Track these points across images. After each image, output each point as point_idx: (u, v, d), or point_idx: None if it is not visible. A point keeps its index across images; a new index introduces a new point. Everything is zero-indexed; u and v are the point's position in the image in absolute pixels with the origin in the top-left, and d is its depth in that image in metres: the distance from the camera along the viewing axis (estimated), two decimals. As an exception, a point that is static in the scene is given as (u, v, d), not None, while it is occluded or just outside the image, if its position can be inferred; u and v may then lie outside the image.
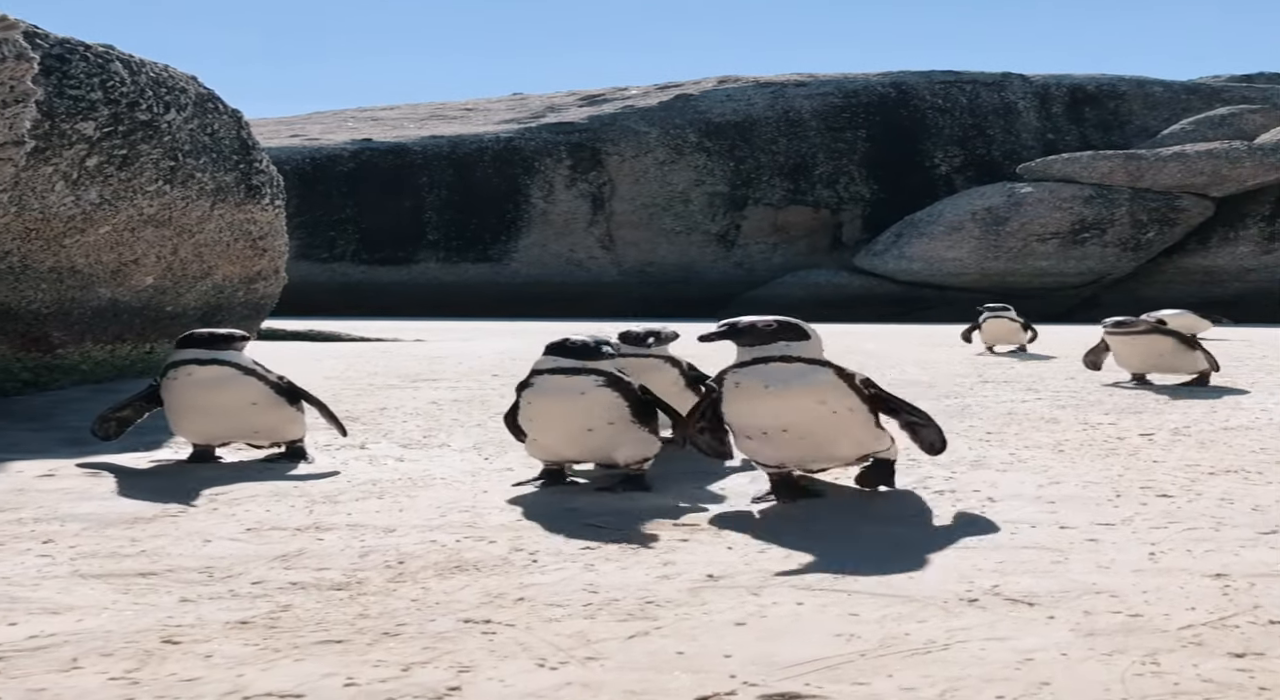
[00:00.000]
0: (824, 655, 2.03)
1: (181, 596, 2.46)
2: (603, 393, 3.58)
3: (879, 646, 2.07)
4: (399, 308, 25.46)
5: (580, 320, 22.07)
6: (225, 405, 4.29)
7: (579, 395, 3.58)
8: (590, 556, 2.81)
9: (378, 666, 2.00)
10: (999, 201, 26.89)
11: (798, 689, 1.86)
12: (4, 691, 1.85)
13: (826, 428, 3.34)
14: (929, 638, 2.11)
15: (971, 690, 1.82)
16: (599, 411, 3.59)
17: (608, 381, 3.60)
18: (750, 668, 1.97)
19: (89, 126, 6.00)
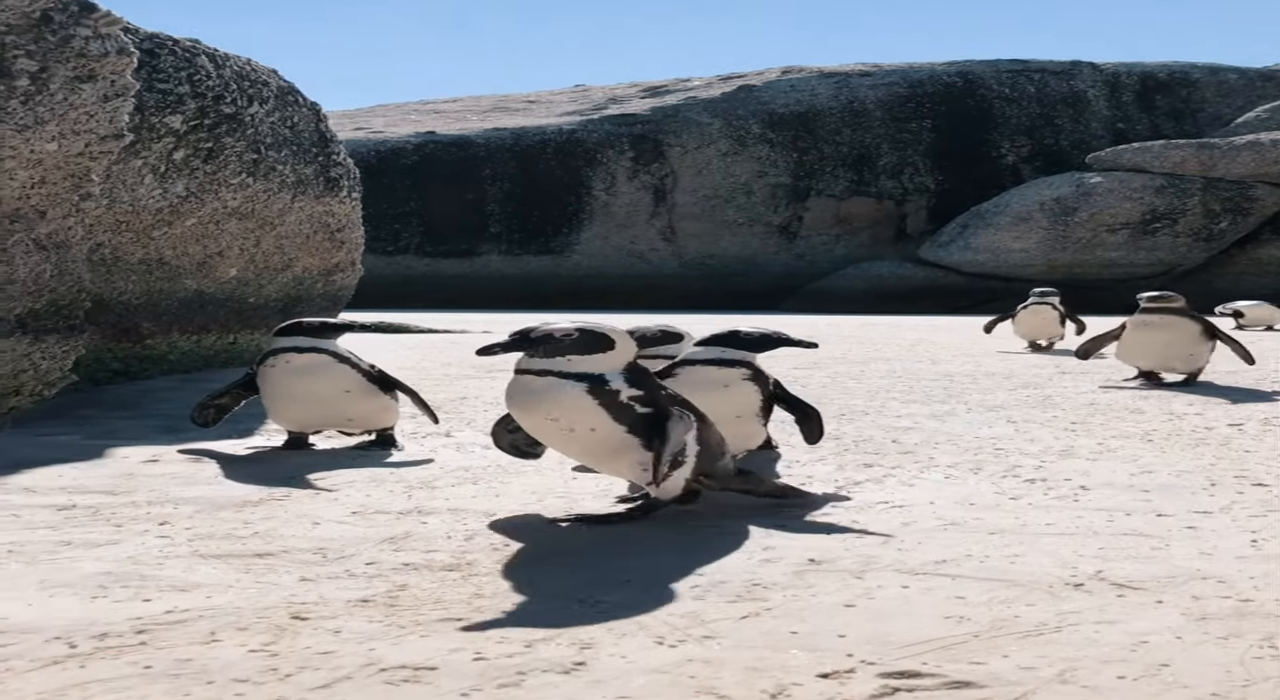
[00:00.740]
0: (937, 636, 2.06)
1: (300, 576, 2.53)
2: (746, 386, 3.65)
3: (991, 628, 2.10)
4: (461, 300, 25.66)
5: (642, 312, 22.15)
6: (320, 393, 4.37)
7: (723, 388, 3.62)
8: (688, 541, 2.86)
9: (502, 642, 2.06)
10: (1068, 191, 26.58)
11: (916, 667, 1.90)
12: (154, 661, 1.93)
13: (571, 445, 3.02)
14: (1039, 620, 2.14)
15: (1090, 671, 1.85)
16: (739, 404, 3.64)
17: (753, 375, 3.67)
18: (865, 647, 2.00)
19: (177, 120, 6.14)
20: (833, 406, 5.59)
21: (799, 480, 3.69)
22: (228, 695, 1.79)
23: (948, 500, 3.35)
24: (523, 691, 1.82)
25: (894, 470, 3.87)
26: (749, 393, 3.68)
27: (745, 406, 3.68)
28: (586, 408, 2.91)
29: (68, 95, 3.94)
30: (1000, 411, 5.42)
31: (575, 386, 2.89)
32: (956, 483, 3.63)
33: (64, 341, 4.42)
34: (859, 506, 3.28)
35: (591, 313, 21.24)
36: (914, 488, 3.56)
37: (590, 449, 3.01)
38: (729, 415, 3.57)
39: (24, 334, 4.19)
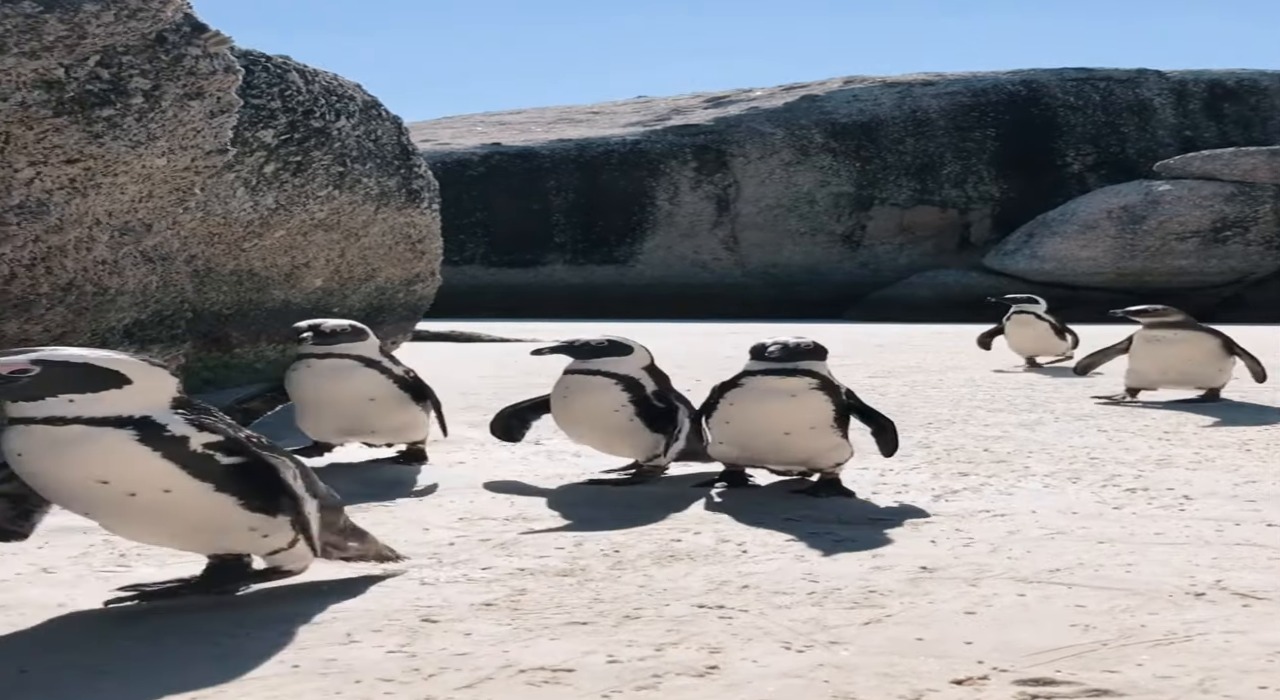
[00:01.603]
0: (1065, 644, 2.07)
1: (420, 580, 2.59)
2: (814, 396, 3.52)
3: (1119, 637, 2.10)
4: (526, 309, 25.81)
5: (705, 321, 22.16)
6: (342, 399, 4.01)
7: (789, 398, 3.52)
8: (798, 548, 2.89)
9: (630, 646, 2.09)
10: (1135, 199, 26.24)
11: (1050, 675, 1.91)
12: (301, 660, 1.99)
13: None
14: (1167, 629, 2.14)
15: (1230, 680, 1.85)
16: (806, 415, 3.53)
17: (820, 385, 3.54)
18: (995, 654, 2.02)
19: (268, 134, 6.27)
20: (917, 415, 5.58)
21: (894, 489, 3.70)
22: (376, 694, 1.84)
23: (1049, 509, 3.34)
24: (661, 694, 1.85)
25: (990, 479, 3.87)
26: (819, 403, 3.54)
27: (817, 417, 3.55)
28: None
29: (177, 112, 4.06)
30: (1089, 420, 5.38)
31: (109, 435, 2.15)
32: (1056, 492, 3.63)
33: (167, 351, 4.53)
34: (960, 515, 3.29)
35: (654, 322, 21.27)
36: (1013, 496, 3.56)
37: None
38: (802, 427, 3.53)
39: (130, 343, 4.30)
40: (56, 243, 3.62)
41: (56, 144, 3.66)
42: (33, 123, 3.57)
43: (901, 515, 3.29)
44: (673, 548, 2.90)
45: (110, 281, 3.92)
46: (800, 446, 3.57)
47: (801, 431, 3.54)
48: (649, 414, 3.84)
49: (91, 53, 3.66)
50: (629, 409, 3.83)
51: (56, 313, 3.63)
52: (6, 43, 3.32)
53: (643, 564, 2.73)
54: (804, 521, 3.20)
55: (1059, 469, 4.04)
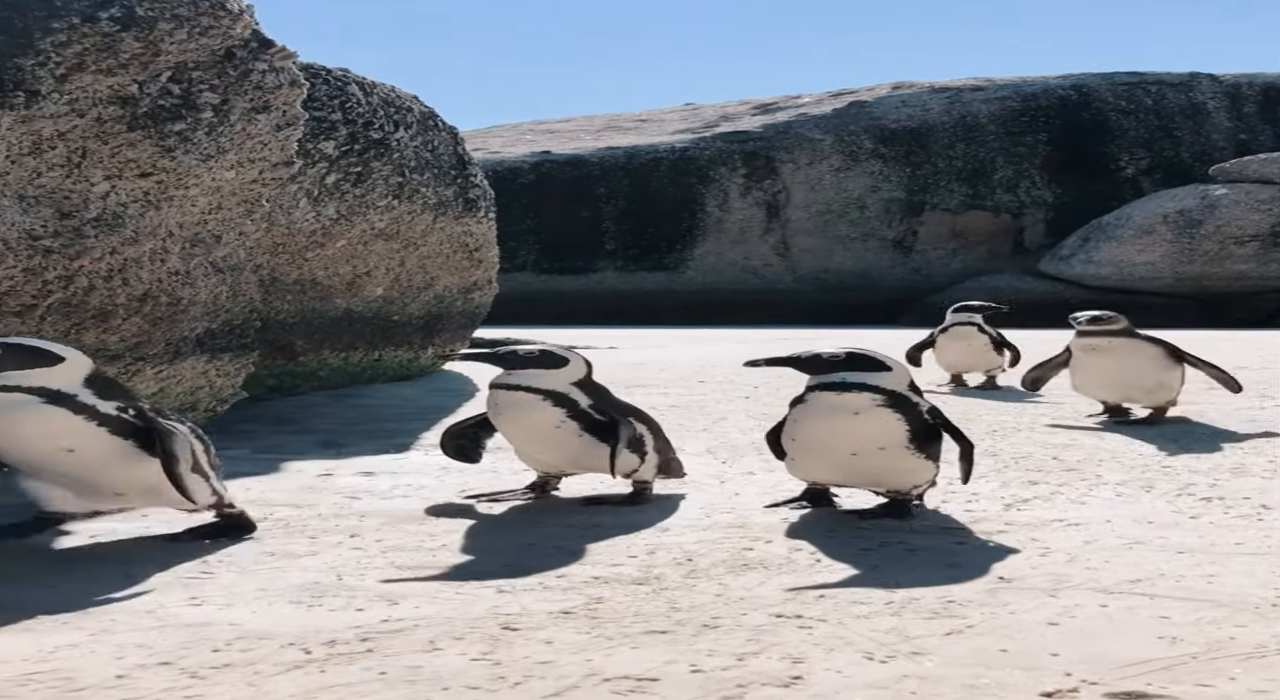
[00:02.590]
0: (1153, 656, 2.05)
1: (497, 587, 2.60)
2: (881, 414, 3.21)
3: (1207, 649, 2.08)
4: (576, 316, 25.89)
5: (756, 328, 22.11)
6: None
7: (852, 415, 3.22)
8: (873, 558, 2.87)
9: (712, 655, 2.09)
10: (1192, 204, 25.92)
11: (1141, 688, 1.89)
12: (387, 667, 2.01)
13: None
14: (1257, 642, 2.11)
15: (1327, 693, 1.82)
16: (872, 435, 3.22)
17: (889, 401, 3.23)
18: (1082, 666, 2.00)
19: (330, 146, 6.34)
20: (982, 422, 5.54)
21: (965, 498, 3.67)
22: (465, 702, 1.85)
23: (1125, 518, 3.31)
24: (748, 704, 1.85)
25: (1061, 487, 3.83)
26: (888, 422, 3.23)
27: (888, 437, 3.23)
28: None
29: (245, 125, 4.11)
30: (1159, 427, 5.31)
31: None
32: (1130, 501, 3.59)
33: (237, 359, 4.59)
34: (1033, 524, 3.26)
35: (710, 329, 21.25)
36: (1086, 506, 3.52)
37: None
38: (871, 446, 3.23)
39: (202, 352, 4.36)
40: (132, 254, 3.68)
41: (131, 158, 3.72)
42: (108, 137, 3.63)
43: (974, 524, 3.26)
44: (745, 556, 2.90)
45: (183, 292, 3.98)
46: (871, 467, 3.29)
47: (870, 452, 3.24)
48: (595, 428, 3.51)
49: (164, 69, 3.72)
50: (571, 425, 3.50)
51: (133, 323, 3.69)
52: (85, 61, 3.38)
53: (717, 573, 2.73)
54: (876, 531, 3.18)
55: (1131, 478, 3.99)
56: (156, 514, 3.20)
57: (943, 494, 3.71)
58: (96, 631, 2.24)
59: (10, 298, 3.31)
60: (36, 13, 3.23)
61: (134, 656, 2.07)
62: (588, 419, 3.52)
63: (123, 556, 2.89)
